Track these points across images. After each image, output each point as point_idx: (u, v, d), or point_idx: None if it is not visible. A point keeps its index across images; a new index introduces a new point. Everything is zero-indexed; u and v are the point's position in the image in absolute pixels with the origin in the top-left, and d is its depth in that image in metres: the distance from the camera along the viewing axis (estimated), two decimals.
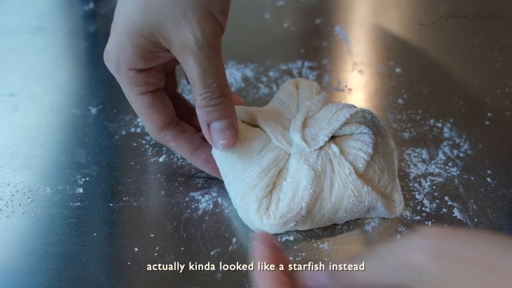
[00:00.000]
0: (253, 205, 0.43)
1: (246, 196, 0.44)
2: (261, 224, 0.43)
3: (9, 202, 0.48)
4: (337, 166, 0.44)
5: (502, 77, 0.64)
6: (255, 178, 0.44)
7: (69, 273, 0.42)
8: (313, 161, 0.44)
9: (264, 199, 0.43)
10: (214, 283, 0.41)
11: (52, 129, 0.57)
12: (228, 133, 0.43)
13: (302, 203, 0.42)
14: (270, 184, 0.44)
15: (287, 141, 0.46)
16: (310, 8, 0.80)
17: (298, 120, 0.47)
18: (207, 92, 0.42)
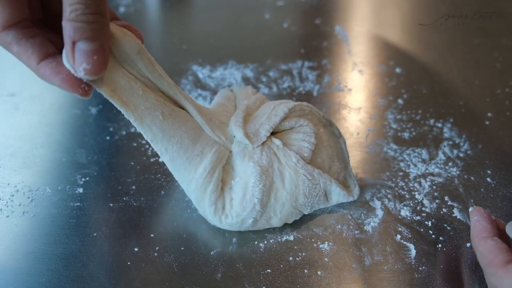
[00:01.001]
0: (209, 209, 0.44)
1: (200, 201, 0.44)
2: (221, 225, 0.44)
3: (9, 202, 0.48)
4: (283, 157, 0.45)
5: (502, 77, 0.64)
6: (202, 181, 0.43)
7: (69, 273, 0.42)
8: (258, 157, 0.45)
9: (218, 200, 0.44)
10: (214, 283, 0.41)
11: (52, 129, 0.57)
12: (96, 58, 0.36)
13: (254, 200, 0.43)
14: (219, 184, 0.44)
15: (227, 137, 0.46)
16: (310, 8, 0.80)
17: (239, 116, 0.47)
18: (79, 4, 0.34)
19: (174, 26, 0.77)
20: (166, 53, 0.71)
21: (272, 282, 0.41)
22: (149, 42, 0.74)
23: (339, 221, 0.46)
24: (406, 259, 0.43)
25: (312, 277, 0.42)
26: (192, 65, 0.66)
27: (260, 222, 0.44)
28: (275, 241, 0.44)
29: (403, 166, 0.52)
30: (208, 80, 0.63)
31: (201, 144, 0.44)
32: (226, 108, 0.49)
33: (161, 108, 0.41)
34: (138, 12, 0.78)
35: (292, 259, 0.43)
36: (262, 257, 0.43)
